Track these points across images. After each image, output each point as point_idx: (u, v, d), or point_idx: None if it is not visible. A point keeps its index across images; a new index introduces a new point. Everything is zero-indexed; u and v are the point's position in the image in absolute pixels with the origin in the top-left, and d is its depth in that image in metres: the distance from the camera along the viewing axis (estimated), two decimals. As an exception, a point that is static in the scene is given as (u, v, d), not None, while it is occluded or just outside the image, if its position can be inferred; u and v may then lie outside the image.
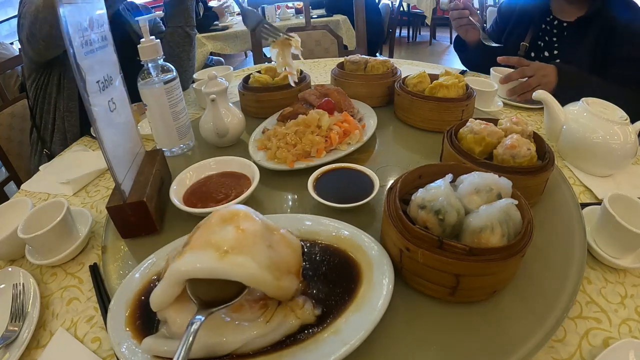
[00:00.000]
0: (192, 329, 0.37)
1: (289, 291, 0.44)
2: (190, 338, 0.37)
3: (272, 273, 0.40)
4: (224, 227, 0.42)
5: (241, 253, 0.39)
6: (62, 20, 0.48)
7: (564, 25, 1.21)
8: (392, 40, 4.36)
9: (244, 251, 0.39)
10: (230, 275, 0.38)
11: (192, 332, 0.37)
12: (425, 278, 0.48)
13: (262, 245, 0.42)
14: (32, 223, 0.63)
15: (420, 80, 0.97)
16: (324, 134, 0.81)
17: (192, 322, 0.38)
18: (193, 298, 0.40)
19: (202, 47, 3.04)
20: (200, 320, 0.38)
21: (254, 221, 0.43)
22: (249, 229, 0.42)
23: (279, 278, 0.41)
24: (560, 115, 0.83)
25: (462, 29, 1.30)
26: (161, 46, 0.81)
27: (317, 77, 1.44)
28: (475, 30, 1.29)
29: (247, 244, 0.40)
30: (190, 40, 1.28)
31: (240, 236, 0.41)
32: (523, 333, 0.45)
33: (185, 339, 0.36)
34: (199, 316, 0.39)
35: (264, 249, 0.41)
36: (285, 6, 3.57)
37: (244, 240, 0.40)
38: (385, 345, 0.45)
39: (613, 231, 0.57)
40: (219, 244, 0.40)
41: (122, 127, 0.66)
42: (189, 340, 0.36)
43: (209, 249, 0.39)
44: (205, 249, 0.40)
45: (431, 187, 0.51)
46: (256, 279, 0.39)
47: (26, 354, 0.50)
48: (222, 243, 0.40)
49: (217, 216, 0.43)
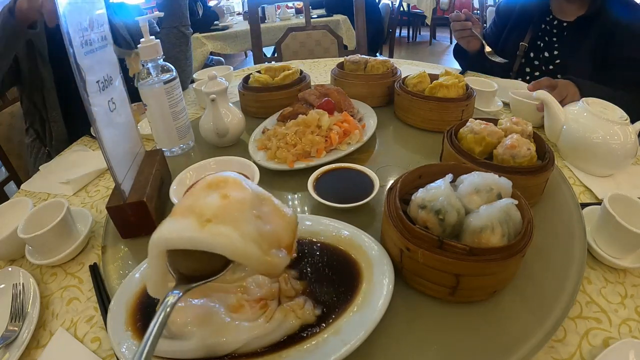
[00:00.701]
0: (169, 303, 0.34)
1: (277, 267, 0.39)
2: (166, 311, 0.34)
3: (258, 246, 0.36)
4: (209, 193, 0.38)
5: (225, 222, 0.35)
6: (62, 20, 0.48)
7: (563, 25, 1.21)
8: (392, 40, 4.36)
9: (228, 220, 0.35)
10: (210, 246, 0.34)
11: (168, 305, 0.34)
12: (425, 278, 0.48)
13: (249, 215, 0.37)
14: (32, 223, 0.63)
15: (420, 80, 0.97)
16: (324, 134, 0.81)
17: (168, 295, 0.35)
18: (172, 271, 0.37)
19: (202, 47, 3.04)
20: (178, 295, 0.35)
21: (243, 189, 0.39)
22: (235, 196, 0.37)
23: (267, 252, 0.37)
24: (560, 115, 0.83)
25: (464, 40, 1.29)
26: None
27: (317, 77, 1.44)
28: (477, 40, 1.27)
29: (231, 213, 0.36)
30: (186, 40, 1.28)
31: (225, 204, 0.36)
32: (523, 333, 0.45)
33: (159, 313, 0.33)
34: (176, 291, 0.35)
35: (250, 219, 0.37)
36: (285, 6, 3.57)
37: (229, 209, 0.36)
38: (385, 345, 0.45)
39: (613, 231, 0.57)
40: (201, 211, 0.35)
41: (122, 127, 0.66)
42: (162, 315, 0.33)
43: (190, 216, 0.35)
44: (186, 216, 0.35)
45: (431, 187, 0.51)
46: (240, 252, 0.35)
47: (26, 354, 0.50)
48: (205, 211, 0.35)
49: (204, 182, 0.39)
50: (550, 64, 1.25)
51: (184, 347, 0.41)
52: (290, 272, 0.50)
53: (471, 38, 1.27)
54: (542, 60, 1.27)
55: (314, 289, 0.48)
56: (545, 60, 1.26)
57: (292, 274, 0.50)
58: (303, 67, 1.33)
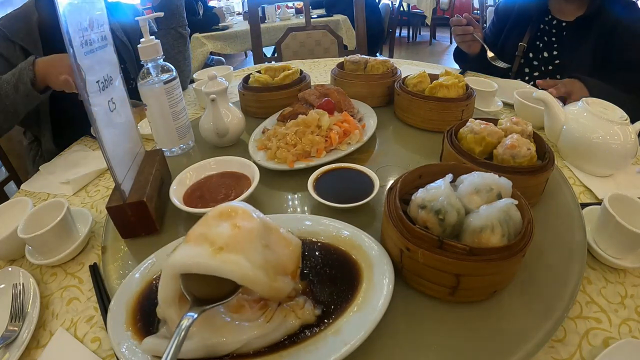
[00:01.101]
0: (184, 326, 0.37)
1: (282, 292, 0.43)
2: (181, 334, 0.36)
3: (266, 273, 0.40)
4: (221, 223, 0.41)
5: (235, 251, 0.39)
6: (62, 20, 0.48)
7: (563, 25, 1.20)
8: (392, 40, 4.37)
9: (238, 249, 0.39)
10: (222, 272, 0.37)
11: (183, 329, 0.37)
12: (425, 278, 0.48)
13: (258, 244, 0.41)
14: (32, 223, 0.63)
15: (420, 80, 0.97)
16: (324, 134, 0.81)
17: (183, 318, 0.38)
18: (187, 294, 0.40)
19: (202, 47, 3.04)
20: (193, 317, 0.38)
21: (252, 219, 0.43)
22: (245, 226, 0.41)
23: (273, 279, 0.41)
24: (560, 115, 0.83)
25: (465, 45, 1.29)
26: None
27: (317, 77, 1.44)
28: (477, 44, 1.27)
29: (242, 242, 0.40)
30: (184, 41, 1.28)
31: (236, 234, 0.40)
32: (523, 333, 0.45)
33: (176, 335, 0.36)
34: (191, 313, 0.38)
35: (259, 248, 0.41)
36: (285, 6, 3.57)
37: (240, 238, 0.40)
38: (385, 345, 0.45)
39: (613, 231, 0.57)
40: (214, 239, 0.39)
41: (122, 127, 0.66)
42: (179, 337, 0.36)
43: (204, 244, 0.39)
44: (200, 243, 0.39)
45: (431, 187, 0.51)
46: (249, 279, 0.38)
47: (26, 354, 0.50)
48: (217, 239, 0.39)
49: (215, 211, 0.43)
50: (550, 64, 1.25)
51: (184, 346, 0.41)
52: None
53: (472, 42, 1.26)
54: (542, 61, 1.27)
55: (314, 289, 0.48)
56: (544, 60, 1.26)
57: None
58: (303, 67, 1.33)
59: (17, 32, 1.02)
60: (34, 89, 0.87)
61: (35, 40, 1.04)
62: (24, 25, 1.04)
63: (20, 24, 1.04)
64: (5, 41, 1.01)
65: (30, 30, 1.04)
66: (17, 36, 1.02)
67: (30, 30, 1.04)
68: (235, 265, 0.38)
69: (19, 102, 0.90)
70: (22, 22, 1.04)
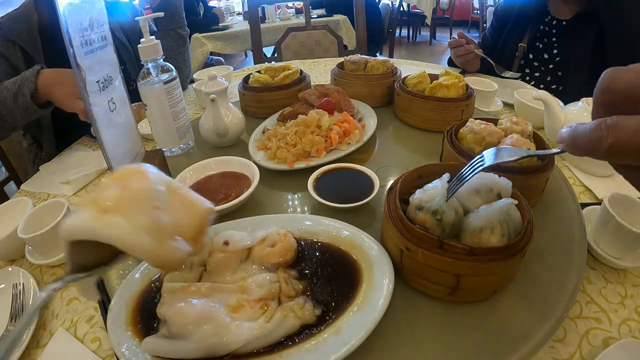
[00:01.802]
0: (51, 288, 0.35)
1: (172, 259, 0.38)
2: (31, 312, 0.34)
3: (151, 236, 0.36)
4: (112, 185, 0.38)
5: (118, 213, 0.35)
6: (62, 20, 0.48)
7: (562, 24, 1.20)
8: (392, 40, 4.37)
9: (121, 211, 0.35)
10: (100, 236, 0.34)
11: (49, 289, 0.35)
12: (425, 278, 0.48)
13: (147, 205, 0.37)
14: (32, 223, 0.63)
15: (420, 80, 0.97)
16: (324, 134, 0.81)
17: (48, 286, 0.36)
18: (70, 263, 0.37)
19: (202, 47, 3.04)
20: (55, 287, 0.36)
21: (144, 180, 0.39)
22: (134, 187, 0.37)
23: (161, 241, 0.36)
24: (560, 115, 0.83)
25: (468, 63, 1.31)
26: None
27: (317, 77, 1.44)
28: (477, 60, 1.29)
29: (127, 204, 0.36)
30: (183, 42, 1.28)
31: (121, 195, 0.36)
32: (523, 333, 0.45)
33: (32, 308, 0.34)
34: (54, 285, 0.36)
35: (147, 209, 0.37)
36: (285, 6, 3.57)
37: (125, 200, 0.36)
38: (385, 345, 0.45)
39: (613, 231, 0.57)
40: (99, 202, 0.36)
41: (122, 127, 0.66)
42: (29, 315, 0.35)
43: (91, 207, 0.36)
44: (87, 207, 0.36)
45: (428, 188, 0.51)
46: (127, 242, 0.34)
47: (26, 354, 0.50)
48: (102, 202, 0.36)
49: (114, 174, 0.39)
50: (550, 64, 1.25)
51: (185, 347, 0.41)
52: (290, 272, 0.50)
53: (473, 60, 1.29)
54: (542, 61, 1.27)
55: (314, 289, 0.48)
56: (544, 60, 1.26)
57: (292, 274, 0.50)
58: (303, 67, 1.33)
59: (16, 32, 1.02)
60: (33, 102, 0.85)
61: (35, 41, 1.04)
62: (23, 26, 1.04)
63: (20, 24, 1.04)
64: (5, 41, 1.01)
65: (30, 31, 1.04)
66: (17, 36, 1.02)
67: (30, 31, 1.04)
68: (114, 227, 0.34)
69: (17, 114, 0.87)
70: (22, 22, 1.04)
